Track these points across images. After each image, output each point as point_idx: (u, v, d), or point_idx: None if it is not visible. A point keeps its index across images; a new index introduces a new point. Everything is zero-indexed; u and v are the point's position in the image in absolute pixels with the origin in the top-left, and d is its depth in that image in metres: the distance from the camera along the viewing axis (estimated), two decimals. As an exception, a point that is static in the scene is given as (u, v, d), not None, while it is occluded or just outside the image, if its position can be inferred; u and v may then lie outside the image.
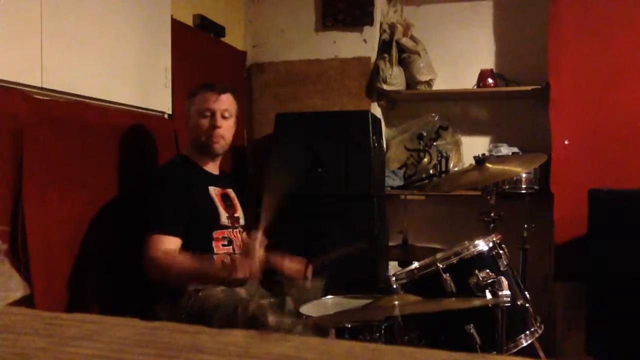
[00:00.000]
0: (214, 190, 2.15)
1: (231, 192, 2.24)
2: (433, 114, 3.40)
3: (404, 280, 1.84)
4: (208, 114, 2.12)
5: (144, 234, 1.94)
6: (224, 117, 2.14)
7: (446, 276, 1.78)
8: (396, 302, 1.59)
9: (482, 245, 1.87)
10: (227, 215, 2.13)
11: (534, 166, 2.75)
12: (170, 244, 1.94)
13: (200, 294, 1.93)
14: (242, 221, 2.22)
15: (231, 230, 2.13)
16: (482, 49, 3.38)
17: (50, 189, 1.85)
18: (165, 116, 2.56)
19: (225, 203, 2.15)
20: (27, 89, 1.79)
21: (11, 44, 1.72)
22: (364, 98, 3.29)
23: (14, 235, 1.69)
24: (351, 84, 3.30)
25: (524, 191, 2.88)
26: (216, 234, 2.07)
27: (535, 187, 2.92)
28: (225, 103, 2.15)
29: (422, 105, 3.47)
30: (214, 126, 2.11)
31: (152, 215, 1.98)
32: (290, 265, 2.21)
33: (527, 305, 1.91)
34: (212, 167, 2.22)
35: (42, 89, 1.84)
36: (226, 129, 2.15)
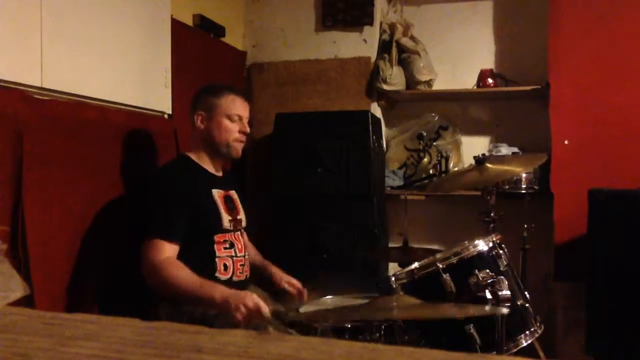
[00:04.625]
0: (217, 193, 2.12)
1: (234, 194, 2.21)
2: (433, 114, 3.40)
3: (404, 280, 1.83)
4: (237, 118, 2.12)
5: (145, 236, 1.92)
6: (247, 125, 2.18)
7: (446, 276, 1.78)
8: (394, 304, 1.58)
9: (482, 245, 1.87)
10: (229, 218, 2.10)
11: (534, 166, 2.75)
12: (170, 251, 1.92)
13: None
14: (244, 223, 2.21)
15: (232, 233, 2.11)
16: (482, 49, 3.38)
17: (50, 189, 1.85)
18: (165, 116, 2.56)
19: (227, 205, 2.13)
20: (27, 89, 1.79)
21: (11, 44, 1.72)
22: (364, 98, 3.29)
23: (14, 235, 1.69)
24: (351, 84, 3.30)
25: (524, 191, 2.88)
26: (218, 237, 2.05)
27: (535, 187, 2.92)
28: (248, 111, 2.19)
29: (422, 105, 3.47)
30: (244, 132, 2.13)
31: (154, 219, 1.96)
32: (290, 282, 2.21)
33: (527, 305, 1.91)
34: (216, 169, 2.19)
35: (42, 89, 1.84)
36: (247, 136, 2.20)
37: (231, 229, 2.11)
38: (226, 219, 2.09)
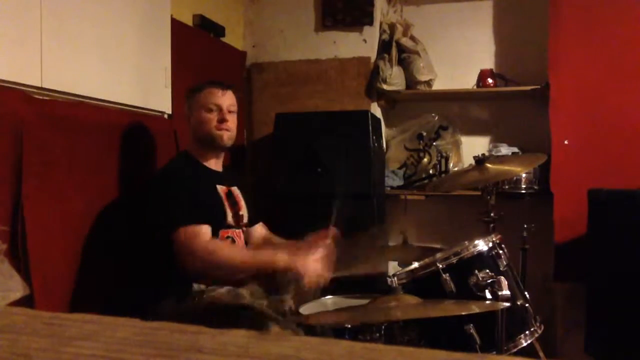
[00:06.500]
0: (220, 189, 2.13)
1: (235, 190, 2.22)
2: (433, 114, 3.40)
3: (404, 280, 1.84)
4: (215, 108, 2.12)
5: (171, 229, 1.90)
6: (229, 112, 2.15)
7: (446, 276, 1.78)
8: (394, 304, 1.58)
9: (482, 245, 1.87)
10: (232, 214, 2.12)
11: (534, 166, 2.75)
12: (206, 232, 1.93)
13: (205, 295, 1.92)
14: (245, 219, 2.22)
15: (234, 229, 2.12)
16: (482, 49, 3.38)
17: (50, 189, 1.85)
18: (165, 116, 2.56)
19: (229, 201, 2.14)
20: (27, 89, 1.79)
21: (11, 44, 1.72)
22: (363, 98, 3.29)
23: (14, 235, 1.69)
24: (351, 84, 3.30)
25: (524, 191, 2.89)
26: (222, 232, 2.07)
27: (535, 187, 2.92)
28: (230, 98, 2.17)
29: (422, 105, 3.47)
30: (222, 120, 2.12)
31: (175, 209, 1.95)
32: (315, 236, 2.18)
33: (527, 305, 1.91)
34: (216, 165, 2.20)
35: (42, 89, 1.84)
36: (232, 123, 2.16)
37: (233, 225, 2.12)
38: (229, 214, 2.11)
